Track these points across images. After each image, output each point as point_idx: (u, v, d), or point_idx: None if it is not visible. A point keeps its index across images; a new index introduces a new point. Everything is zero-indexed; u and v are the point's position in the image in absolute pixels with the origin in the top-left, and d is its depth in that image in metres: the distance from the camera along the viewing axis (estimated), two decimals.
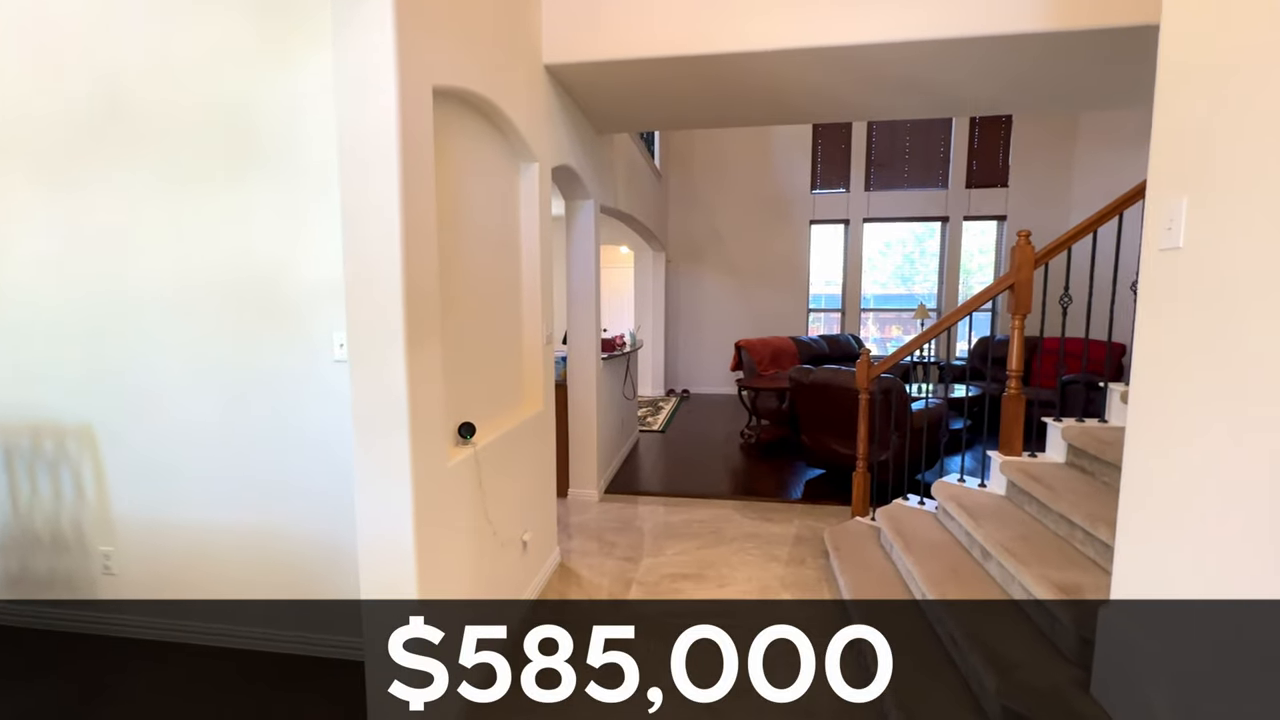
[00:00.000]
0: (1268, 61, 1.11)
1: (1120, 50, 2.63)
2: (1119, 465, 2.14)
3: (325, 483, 2.13)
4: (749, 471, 4.62)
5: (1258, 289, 1.13)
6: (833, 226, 7.80)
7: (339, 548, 2.13)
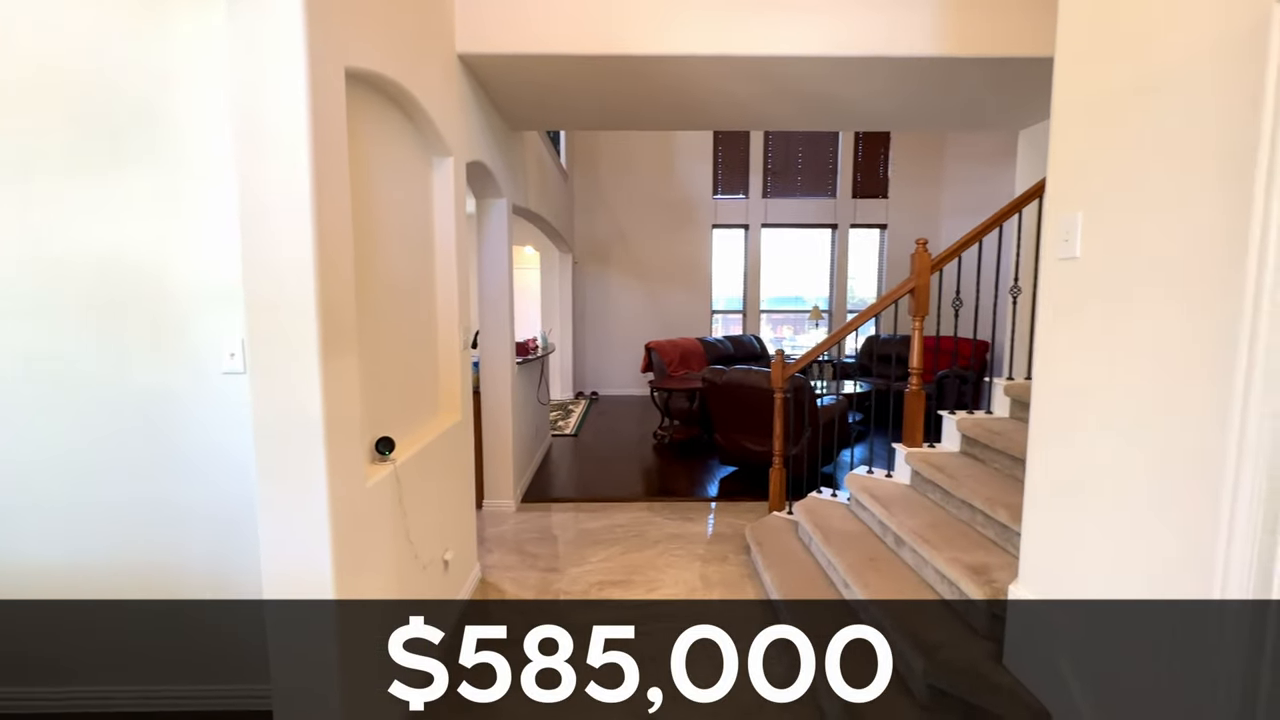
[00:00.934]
0: (1131, 98, 1.26)
1: (994, 79, 2.92)
2: (1008, 453, 2.37)
3: (215, 509, 1.86)
4: (665, 472, 4.66)
5: (1141, 293, 1.28)
6: (733, 231, 8.09)
7: (231, 583, 1.88)
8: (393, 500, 1.88)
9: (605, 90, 3.13)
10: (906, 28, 2.59)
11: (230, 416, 1.81)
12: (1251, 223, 1.05)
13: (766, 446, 4.19)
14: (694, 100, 3.25)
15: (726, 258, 8.19)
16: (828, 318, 8.10)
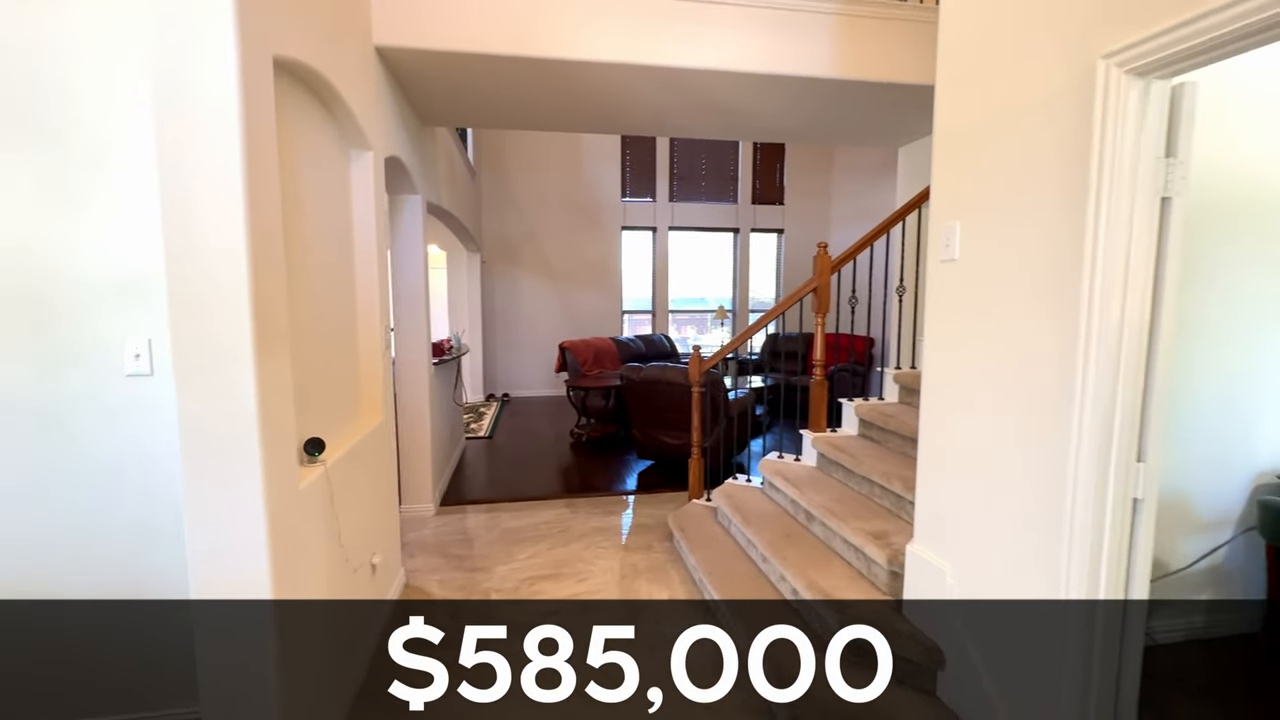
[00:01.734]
0: (994, 129, 1.52)
1: (879, 101, 3.27)
2: (899, 433, 2.68)
3: (118, 525, 1.72)
4: (584, 469, 4.73)
5: (1007, 290, 1.54)
6: (642, 233, 8.29)
7: (133, 606, 1.74)
8: (324, 503, 1.83)
9: (525, 91, 3.16)
10: (808, 51, 2.86)
11: (141, 421, 1.68)
12: (1086, 228, 1.31)
13: (682, 439, 4.39)
14: (613, 106, 3.36)
15: (635, 259, 8.37)
16: (731, 317, 8.50)
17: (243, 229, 1.36)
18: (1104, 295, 1.30)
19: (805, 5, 2.82)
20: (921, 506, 1.94)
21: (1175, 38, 1.15)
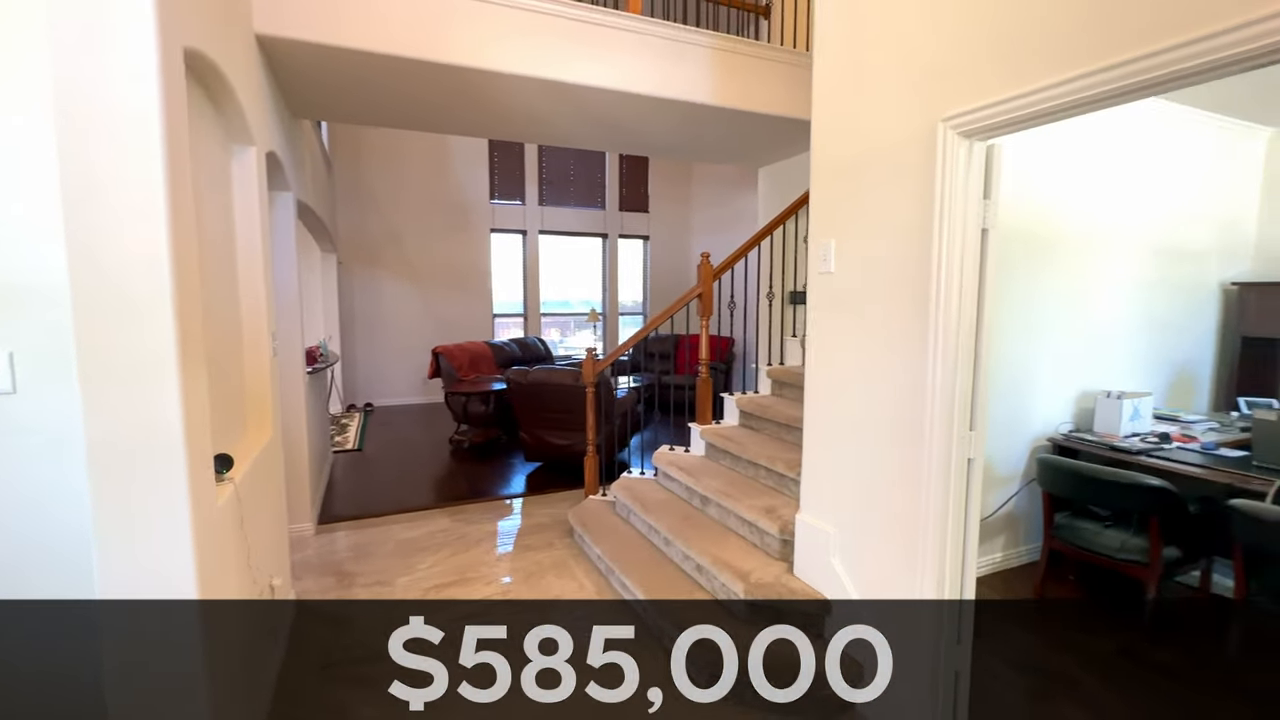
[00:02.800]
0: (859, 165, 1.89)
1: (745, 127, 3.67)
2: (776, 421, 3.05)
3: None
4: (472, 475, 4.66)
5: (874, 297, 1.90)
6: (512, 236, 8.24)
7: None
8: (236, 523, 1.72)
9: (415, 93, 3.10)
10: (693, 79, 3.15)
11: (9, 444, 1.47)
12: (931, 249, 1.69)
13: (572, 440, 4.52)
14: (506, 114, 3.41)
15: (506, 262, 8.29)
16: (602, 320, 8.75)
17: (165, 232, 1.28)
18: (945, 302, 1.68)
19: (692, 39, 3.11)
20: (807, 480, 2.28)
21: (987, 114, 1.54)
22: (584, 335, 8.90)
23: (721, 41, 3.23)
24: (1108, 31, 1.29)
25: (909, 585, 1.83)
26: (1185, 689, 2.12)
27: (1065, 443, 2.97)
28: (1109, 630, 2.50)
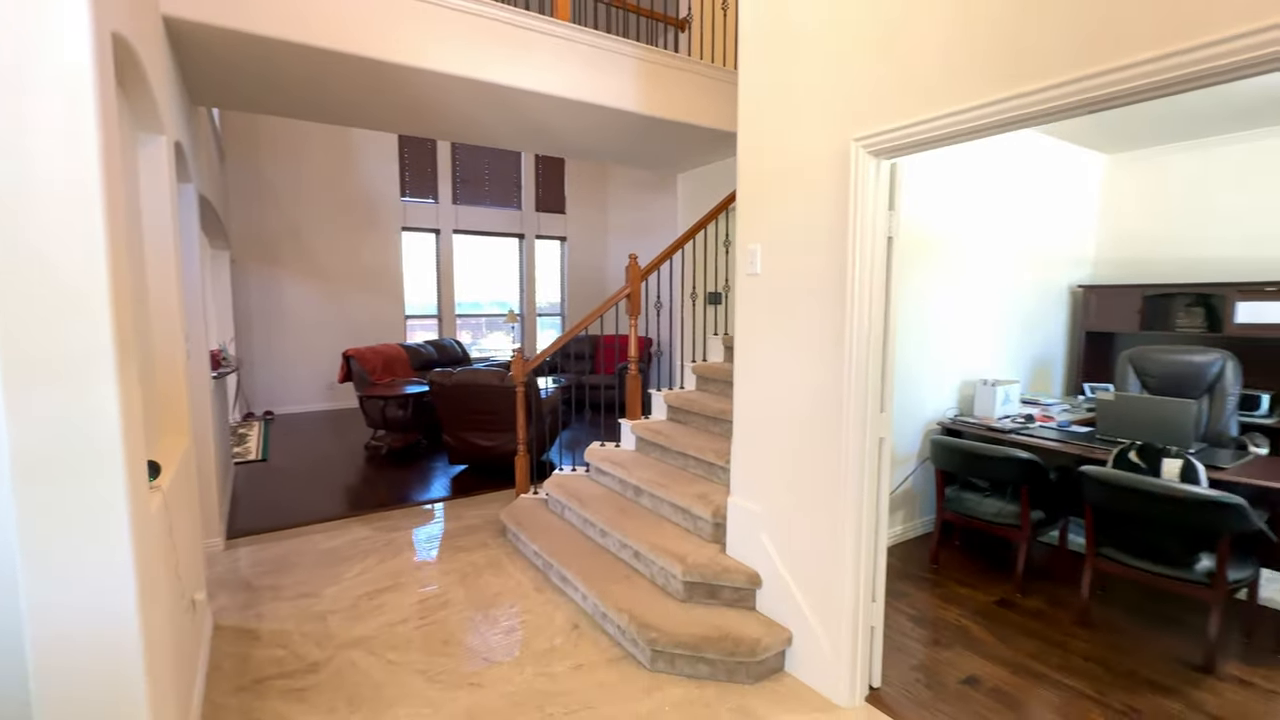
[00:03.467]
0: (782, 178, 2.09)
1: (667, 135, 3.85)
2: (702, 414, 3.23)
3: None
4: (394, 480, 4.51)
5: (797, 297, 2.11)
6: (424, 235, 7.99)
7: None
8: (166, 534, 1.64)
9: (331, 85, 3.00)
10: (619, 87, 3.27)
11: None
12: (846, 254, 1.91)
13: (498, 441, 4.51)
14: (425, 110, 3.36)
15: (419, 262, 8.03)
16: (520, 321, 8.68)
17: (102, 224, 1.22)
18: (859, 300, 1.91)
19: (620, 48, 3.23)
20: (736, 466, 2.46)
21: (891, 137, 1.78)
22: (496, 337, 8.79)
23: (647, 53, 3.37)
24: (993, 71, 1.55)
25: (831, 554, 2.05)
26: (1048, 627, 2.50)
27: (952, 425, 3.38)
28: (989, 584, 2.88)
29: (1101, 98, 1.35)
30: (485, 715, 1.99)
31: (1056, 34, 1.41)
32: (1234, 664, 2.26)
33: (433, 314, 8.21)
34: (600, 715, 1.98)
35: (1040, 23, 1.44)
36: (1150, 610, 2.64)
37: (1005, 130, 1.59)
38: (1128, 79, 1.30)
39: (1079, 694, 2.09)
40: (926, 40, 1.68)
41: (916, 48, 1.71)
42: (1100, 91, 1.34)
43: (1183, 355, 3.23)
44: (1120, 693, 2.10)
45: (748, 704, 2.04)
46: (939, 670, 2.23)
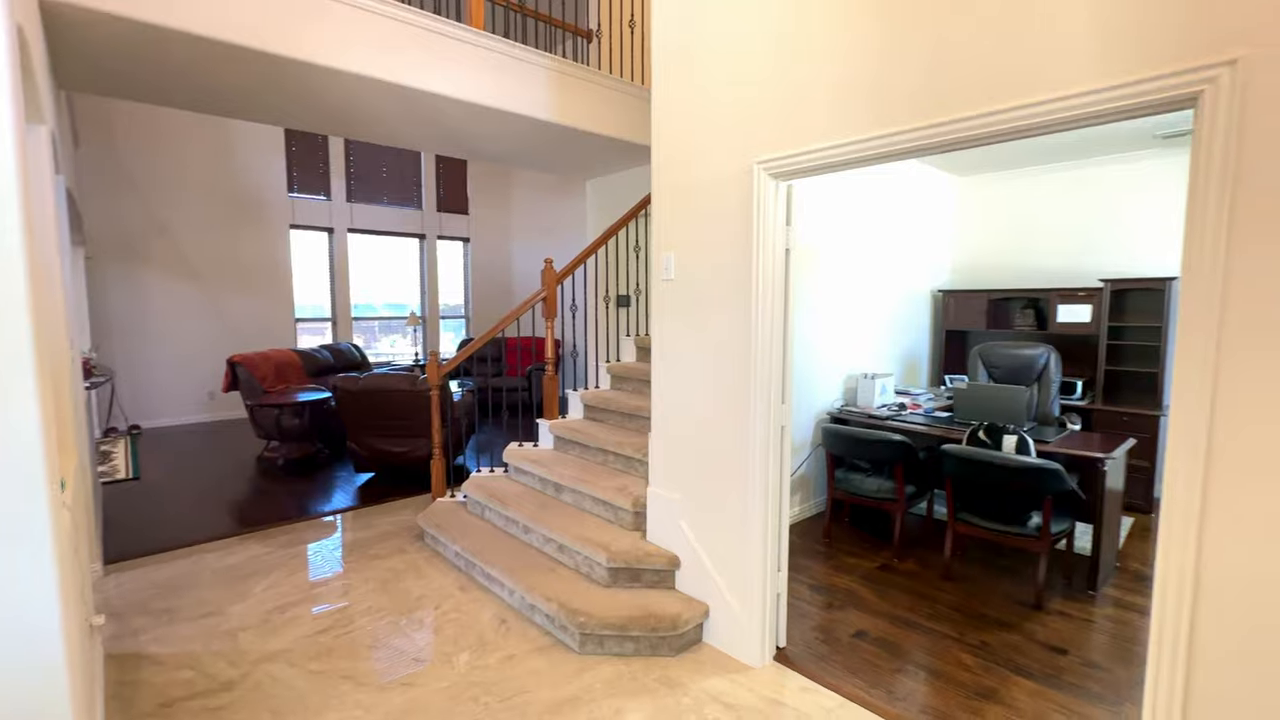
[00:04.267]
0: (693, 192, 2.31)
1: (577, 143, 3.99)
2: (619, 411, 3.41)
3: None
4: (296, 492, 4.29)
5: (709, 299, 2.33)
6: (316, 233, 7.55)
7: None
8: (74, 553, 1.55)
9: (220, 76, 2.85)
10: (531, 96, 3.36)
11: None
12: (751, 264, 2.16)
13: (408, 446, 4.43)
14: (327, 108, 3.27)
15: (310, 262, 7.57)
16: (422, 324, 8.43)
17: (18, 227, 1.18)
18: (762, 305, 2.16)
19: (534, 59, 3.32)
20: (655, 458, 2.65)
21: (786, 162, 2.04)
22: (394, 339, 8.48)
23: (561, 65, 3.49)
24: (869, 113, 1.84)
25: (742, 531, 2.29)
26: (919, 584, 2.91)
27: (839, 414, 3.79)
28: (872, 553, 3.28)
29: (950, 141, 1.67)
30: (421, 711, 2.03)
31: (916, 88, 1.72)
32: (1057, 600, 2.76)
33: (326, 317, 7.77)
34: (536, 698, 2.09)
35: (904, 78, 1.74)
36: (996, 563, 3.15)
37: (880, 162, 1.89)
38: (967, 128, 1.62)
39: (944, 635, 2.48)
40: (817, 81, 1.96)
41: (809, 87, 1.98)
42: (949, 135, 1.66)
43: (1018, 349, 3.84)
44: (974, 632, 2.51)
45: (671, 674, 2.23)
46: (834, 628, 2.55)
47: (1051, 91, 1.47)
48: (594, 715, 2.01)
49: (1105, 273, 4.24)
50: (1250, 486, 1.25)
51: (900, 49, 1.74)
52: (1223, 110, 1.24)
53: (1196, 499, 1.30)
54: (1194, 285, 1.30)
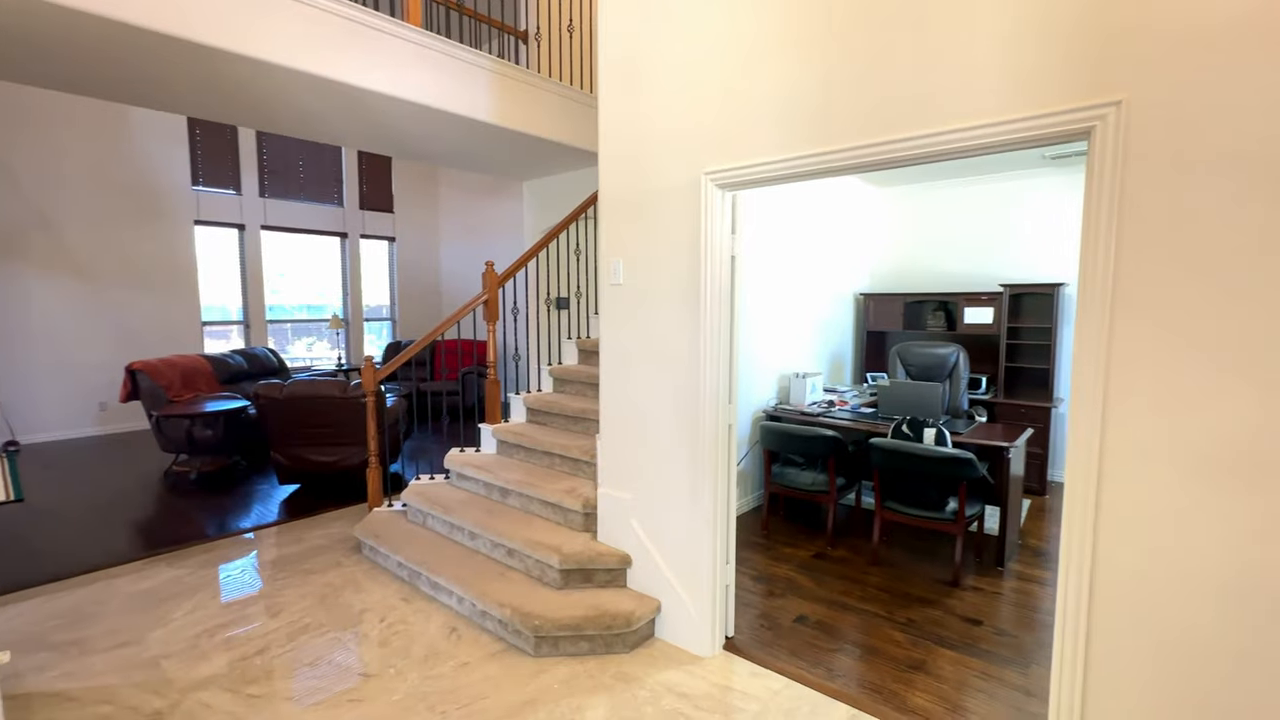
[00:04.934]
0: (644, 200, 2.38)
1: (515, 145, 3.97)
2: (563, 414, 3.43)
3: None
4: (214, 508, 4.00)
5: (659, 301, 2.41)
6: (225, 230, 7.04)
7: None
8: None
9: (128, 61, 2.65)
10: (471, 97, 3.32)
11: None
12: (700, 270, 2.25)
13: (338, 455, 4.26)
14: (255, 101, 3.10)
15: (219, 261, 7.05)
16: (346, 326, 8.04)
17: None
18: (710, 309, 2.26)
19: (474, 59, 3.27)
20: (605, 459, 2.70)
21: (732, 174, 2.14)
22: (307, 343, 8.05)
23: (501, 66, 3.47)
24: (810, 131, 1.97)
25: (692, 527, 2.37)
26: (851, 570, 3.12)
27: (774, 412, 3.97)
28: (808, 542, 3.47)
29: (885, 160, 1.82)
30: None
31: (855, 112, 1.86)
32: (971, 577, 3.04)
33: (237, 319, 7.27)
34: (494, 703, 2.09)
35: (845, 102, 1.88)
36: (919, 547, 3.41)
37: (820, 177, 2.03)
38: (900, 149, 1.77)
39: (875, 615, 2.68)
40: (764, 99, 2.07)
41: (756, 104, 2.09)
42: (883, 155, 1.81)
43: (932, 349, 4.17)
44: (901, 609, 2.72)
45: (626, 669, 2.29)
46: (776, 615, 2.69)
47: (971, 120, 1.64)
48: (553, 715, 2.03)
49: (1005, 279, 4.68)
50: (1136, 467, 1.45)
51: (842, 76, 1.88)
52: (1110, 143, 1.44)
53: (1093, 480, 1.50)
54: (1088, 291, 1.49)
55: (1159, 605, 1.44)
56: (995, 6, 1.59)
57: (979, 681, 2.21)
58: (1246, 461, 1.33)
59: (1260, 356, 1.30)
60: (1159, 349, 1.41)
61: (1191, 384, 1.38)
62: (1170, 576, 1.43)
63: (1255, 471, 1.32)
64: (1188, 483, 1.39)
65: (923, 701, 2.10)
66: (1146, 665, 1.47)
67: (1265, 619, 1.32)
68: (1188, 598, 1.41)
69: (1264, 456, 1.31)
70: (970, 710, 2.06)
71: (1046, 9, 1.51)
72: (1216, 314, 1.34)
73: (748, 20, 2.08)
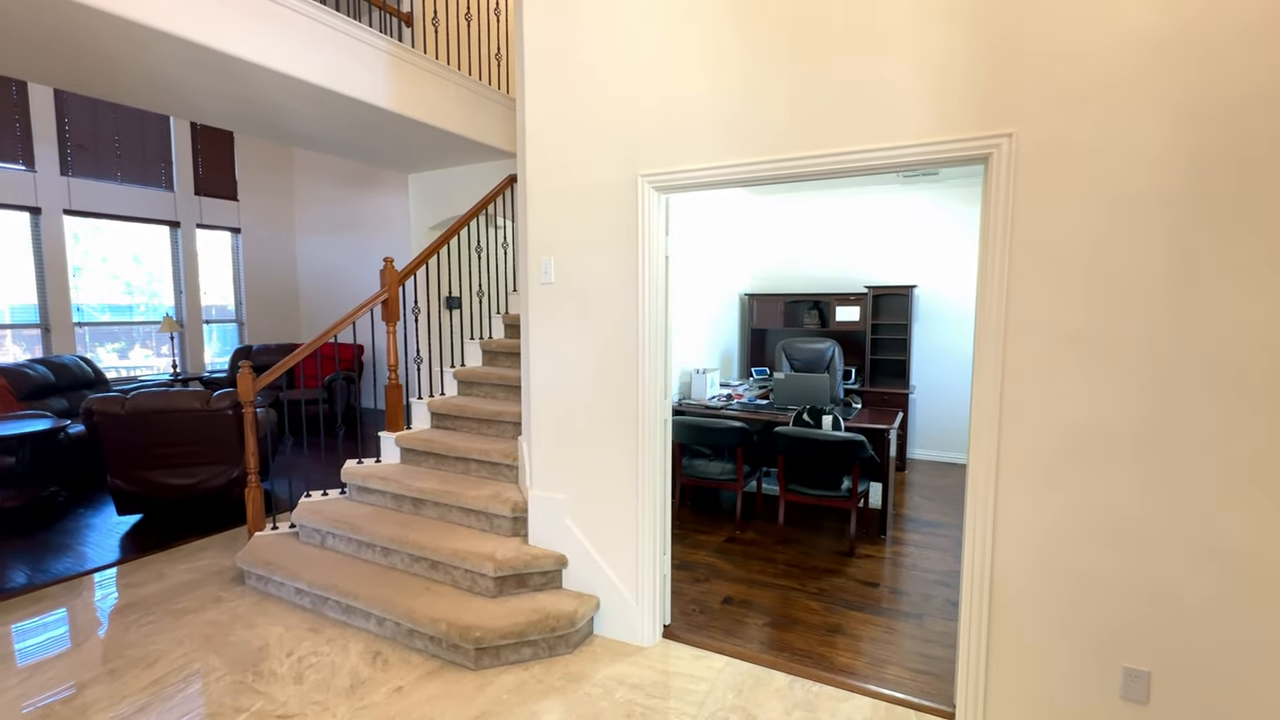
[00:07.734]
0: (577, 197, 2.39)
1: (406, 134, 3.74)
2: (474, 417, 3.32)
3: None
4: (38, 547, 3.28)
5: (593, 299, 2.42)
6: (14, 214, 5.78)
7: None
8: None
9: None
10: (367, 80, 3.07)
11: None
12: (637, 269, 2.30)
13: (196, 478, 3.74)
14: (103, 67, 2.62)
15: (9, 252, 5.77)
16: (181, 327, 6.98)
17: None
18: (647, 306, 2.32)
19: (368, 39, 3.02)
20: (536, 460, 2.65)
21: (666, 178, 2.23)
22: (115, 348, 6.90)
23: (401, 50, 3.24)
24: (739, 142, 2.10)
25: (631, 522, 2.42)
26: (762, 550, 3.36)
27: (678, 407, 4.13)
28: (717, 528, 3.67)
29: (809, 172, 2.01)
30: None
31: (783, 127, 2.02)
32: (863, 545, 3.42)
33: (33, 323, 6.01)
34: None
35: (775, 117, 2.03)
36: (820, 524, 3.75)
37: (749, 185, 2.17)
38: (823, 163, 1.96)
39: (789, 589, 2.91)
40: (698, 108, 2.17)
41: (690, 113, 2.19)
42: (808, 168, 1.99)
43: (811, 344, 4.60)
44: (811, 581, 2.99)
45: (573, 669, 2.28)
46: (704, 599, 2.82)
47: (887, 141, 1.87)
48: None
49: (869, 281, 5.27)
50: (1029, 444, 1.75)
51: (776, 92, 2.03)
52: (1004, 170, 1.73)
53: (993, 459, 1.79)
54: (986, 297, 1.77)
55: (1051, 562, 1.76)
56: (906, 41, 1.82)
57: (887, 635, 2.51)
58: (1102, 438, 1.67)
59: (1118, 357, 1.64)
60: (1037, 350, 1.72)
61: (1062, 376, 1.70)
62: (1061, 531, 1.75)
63: (1109, 445, 1.66)
64: (1059, 452, 1.72)
65: (846, 659, 2.34)
66: (1043, 614, 1.78)
67: (1128, 557, 1.67)
68: (1072, 544, 1.73)
69: (1115, 431, 1.65)
70: (887, 660, 2.33)
71: (947, 48, 1.77)
72: (1085, 322, 1.67)
73: (683, 32, 2.17)
